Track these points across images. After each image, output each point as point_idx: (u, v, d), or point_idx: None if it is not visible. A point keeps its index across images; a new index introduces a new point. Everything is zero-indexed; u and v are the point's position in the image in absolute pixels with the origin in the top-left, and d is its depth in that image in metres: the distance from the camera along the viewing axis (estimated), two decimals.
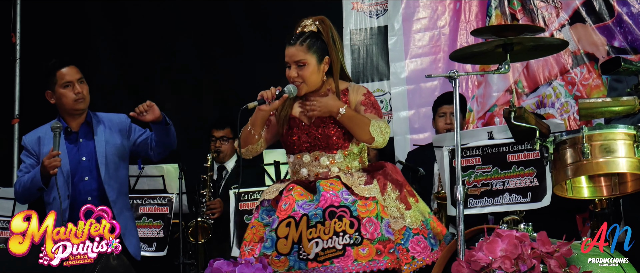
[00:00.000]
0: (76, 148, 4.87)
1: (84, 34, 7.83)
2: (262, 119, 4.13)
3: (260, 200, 4.18)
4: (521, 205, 4.50)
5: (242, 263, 4.06)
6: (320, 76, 4.14)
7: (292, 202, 3.97)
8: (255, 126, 4.15)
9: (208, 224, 6.29)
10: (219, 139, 6.64)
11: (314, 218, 3.90)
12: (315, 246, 3.86)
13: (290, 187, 4.06)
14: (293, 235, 3.91)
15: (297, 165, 4.17)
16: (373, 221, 3.90)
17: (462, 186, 3.90)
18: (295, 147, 4.16)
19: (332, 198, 3.93)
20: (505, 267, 3.54)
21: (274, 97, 4.07)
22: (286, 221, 3.93)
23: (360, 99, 4.13)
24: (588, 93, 6.61)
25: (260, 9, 7.60)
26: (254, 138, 4.16)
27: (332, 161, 4.10)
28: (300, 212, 3.93)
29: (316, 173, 4.12)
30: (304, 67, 4.11)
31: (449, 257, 3.97)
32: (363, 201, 3.95)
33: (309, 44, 4.14)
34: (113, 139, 4.91)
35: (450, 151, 4.59)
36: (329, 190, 3.96)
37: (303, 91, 4.14)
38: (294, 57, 4.13)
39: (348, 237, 3.85)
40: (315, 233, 3.87)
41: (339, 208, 3.90)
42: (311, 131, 4.12)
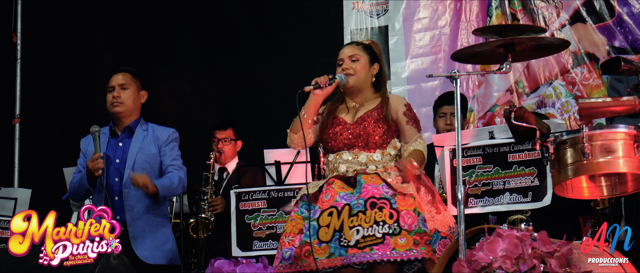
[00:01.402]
0: (113, 149, 4.97)
1: (85, 34, 7.83)
2: (315, 104, 4.41)
3: (299, 195, 4.33)
4: (522, 204, 4.50)
5: (243, 263, 4.07)
6: (369, 76, 4.46)
7: (334, 194, 4.17)
8: (309, 111, 4.42)
9: (209, 220, 6.30)
10: (221, 141, 6.65)
11: (355, 207, 4.08)
12: (356, 233, 4.03)
13: (330, 181, 4.25)
14: (335, 223, 4.09)
15: (337, 162, 4.37)
16: (411, 215, 4.08)
17: (462, 186, 3.91)
18: (335, 144, 4.37)
19: (373, 190, 4.13)
20: (506, 266, 3.54)
21: (327, 83, 4.34)
22: (328, 211, 4.13)
23: (402, 109, 4.41)
24: (588, 93, 6.61)
25: (262, 9, 7.60)
26: (308, 122, 4.42)
27: (370, 159, 4.32)
28: (342, 202, 4.12)
29: (355, 169, 4.31)
30: (356, 61, 4.44)
31: (450, 256, 3.97)
32: (402, 196, 4.13)
33: (363, 47, 4.52)
34: (148, 147, 4.98)
35: (451, 150, 4.59)
36: (370, 183, 4.16)
37: (351, 82, 4.42)
38: (348, 52, 4.49)
39: (387, 227, 4.03)
40: (356, 221, 4.06)
41: (379, 200, 4.10)
42: (353, 129, 4.35)
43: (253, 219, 5.30)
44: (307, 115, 4.41)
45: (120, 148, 4.97)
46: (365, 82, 4.46)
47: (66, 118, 7.49)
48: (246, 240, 5.26)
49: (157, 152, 5.00)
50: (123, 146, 4.98)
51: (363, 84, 4.46)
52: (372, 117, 4.37)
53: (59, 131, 7.57)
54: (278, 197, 5.33)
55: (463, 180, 4.21)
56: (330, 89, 4.38)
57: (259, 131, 6.91)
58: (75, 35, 7.74)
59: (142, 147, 4.96)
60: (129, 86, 5.02)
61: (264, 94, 7.28)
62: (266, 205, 5.28)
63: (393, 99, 4.48)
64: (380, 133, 4.33)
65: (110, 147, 4.97)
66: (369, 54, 4.48)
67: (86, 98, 7.50)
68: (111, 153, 4.95)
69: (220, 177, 6.65)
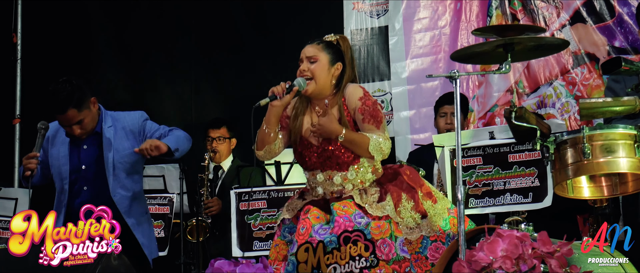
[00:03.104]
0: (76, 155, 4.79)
1: (85, 34, 7.83)
2: (275, 116, 4.17)
3: (280, 219, 4.25)
4: (522, 205, 4.50)
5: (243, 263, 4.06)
6: (329, 78, 4.17)
7: (309, 227, 4.04)
8: (270, 124, 4.18)
9: (206, 223, 6.30)
10: (215, 140, 6.65)
11: (329, 244, 3.98)
12: (334, 271, 3.95)
13: (306, 209, 4.12)
14: (311, 260, 3.99)
15: (312, 183, 4.23)
16: (387, 242, 3.98)
17: (463, 186, 3.90)
18: (307, 166, 4.22)
19: (345, 223, 4.00)
20: (506, 267, 3.54)
21: (284, 91, 4.12)
22: (304, 246, 4.01)
23: (357, 105, 4.12)
24: (589, 93, 6.61)
25: (262, 9, 7.60)
26: (270, 136, 4.19)
27: (345, 178, 4.15)
28: (316, 238, 4.00)
29: (331, 191, 4.17)
30: (314, 63, 4.16)
31: (450, 257, 3.97)
32: (376, 223, 4.01)
33: (324, 45, 4.21)
34: (121, 144, 4.80)
35: (451, 151, 4.59)
36: (342, 214, 4.03)
37: (311, 89, 4.16)
38: (307, 52, 4.20)
39: (364, 260, 3.93)
40: (332, 259, 3.96)
41: (353, 233, 3.98)
42: (320, 152, 4.15)
43: (253, 219, 5.31)
44: (268, 129, 4.16)
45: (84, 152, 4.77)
46: (324, 86, 4.16)
47: None
48: (246, 240, 5.26)
49: (131, 144, 4.78)
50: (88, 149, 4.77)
51: (322, 89, 4.17)
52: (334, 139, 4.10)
53: None
54: (278, 197, 5.33)
55: (463, 180, 4.20)
56: (289, 97, 4.12)
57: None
58: (75, 35, 7.74)
59: (116, 148, 4.77)
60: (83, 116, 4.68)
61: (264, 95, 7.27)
62: (266, 205, 5.28)
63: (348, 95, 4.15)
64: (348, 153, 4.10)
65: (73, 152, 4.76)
66: (331, 53, 4.18)
67: None
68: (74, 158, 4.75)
69: (216, 176, 6.66)
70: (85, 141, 4.79)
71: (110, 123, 4.82)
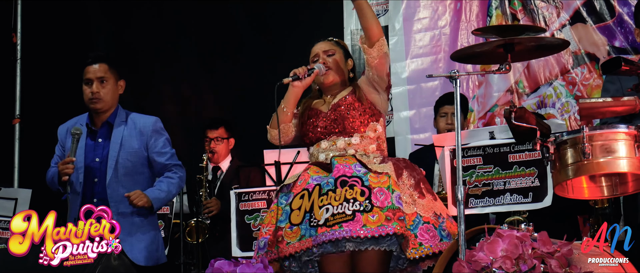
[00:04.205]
0: (92, 149, 4.80)
1: (85, 34, 7.83)
2: (295, 96, 4.31)
3: (279, 186, 4.27)
4: (522, 205, 4.50)
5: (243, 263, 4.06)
6: (345, 71, 4.37)
7: (307, 178, 4.09)
8: (289, 104, 4.32)
9: (204, 224, 6.30)
10: (213, 140, 6.65)
11: (325, 186, 3.99)
12: (326, 212, 3.93)
13: (307, 168, 4.18)
14: (305, 205, 4.00)
15: (316, 152, 4.28)
16: (384, 192, 3.98)
17: (463, 186, 3.90)
18: (313, 135, 4.28)
19: (344, 169, 4.04)
20: (506, 267, 3.54)
21: (306, 73, 4.25)
22: (300, 194, 4.04)
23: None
24: (589, 93, 6.61)
25: (262, 10, 7.60)
26: (287, 115, 4.33)
27: (348, 143, 4.21)
28: (313, 183, 4.04)
29: (333, 155, 4.20)
30: (332, 55, 4.35)
31: (450, 257, 3.97)
32: (375, 174, 4.04)
33: (335, 42, 4.42)
34: (129, 143, 4.80)
35: (451, 150, 4.59)
36: (342, 163, 4.08)
37: (330, 77, 4.32)
38: (323, 47, 4.38)
39: (358, 204, 3.92)
40: (326, 200, 3.96)
41: (351, 178, 4.01)
42: (328, 116, 4.25)
43: (253, 219, 5.30)
44: (286, 108, 4.32)
45: (99, 145, 4.80)
46: (342, 77, 4.35)
47: (66, 118, 7.48)
48: (246, 240, 5.26)
49: (140, 147, 4.80)
50: (102, 142, 4.80)
51: (341, 78, 4.35)
52: (346, 101, 4.26)
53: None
54: None
55: (463, 180, 4.20)
56: (310, 80, 4.27)
57: (258, 131, 6.90)
58: (75, 35, 7.74)
59: (123, 144, 4.78)
60: (108, 78, 4.79)
61: (264, 95, 7.26)
62: (266, 205, 5.28)
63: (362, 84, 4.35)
64: (356, 115, 4.21)
65: (88, 145, 4.79)
66: (343, 50, 4.41)
67: None
68: (90, 151, 4.79)
69: (215, 176, 6.66)
70: (100, 133, 4.82)
71: (124, 118, 4.85)
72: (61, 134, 4.93)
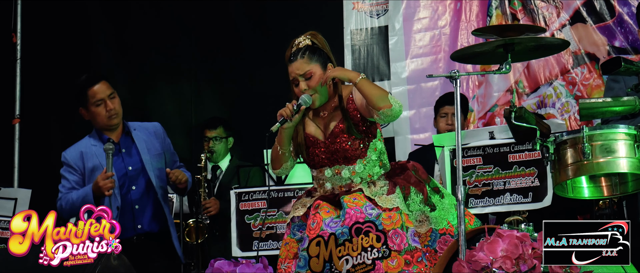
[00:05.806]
0: (121, 160, 4.86)
1: (85, 34, 7.83)
2: (288, 136, 4.20)
3: (290, 217, 4.25)
4: (522, 205, 4.50)
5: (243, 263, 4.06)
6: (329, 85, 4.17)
7: (319, 221, 4.04)
8: (283, 145, 4.22)
9: (204, 224, 6.30)
10: (212, 139, 6.65)
11: (341, 236, 3.98)
12: (346, 263, 3.95)
13: (316, 204, 4.12)
14: (323, 253, 3.99)
15: (321, 180, 4.23)
16: (399, 233, 3.97)
17: (463, 186, 3.90)
18: (316, 163, 4.21)
19: (356, 215, 4.01)
20: (506, 267, 3.54)
21: (292, 113, 4.10)
22: (316, 240, 4.01)
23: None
24: (589, 93, 6.61)
25: (262, 9, 7.60)
26: (284, 155, 4.24)
27: (353, 172, 4.16)
28: (328, 231, 4.01)
29: (339, 185, 4.17)
30: (311, 78, 4.15)
31: (450, 257, 3.97)
32: (387, 214, 4.01)
33: (309, 55, 4.20)
34: (153, 145, 4.92)
35: (451, 151, 4.59)
36: (353, 207, 4.03)
37: (317, 101, 4.17)
38: (298, 70, 4.18)
39: (376, 251, 3.93)
40: (344, 251, 3.96)
41: (364, 224, 3.98)
42: (328, 147, 4.16)
43: (253, 219, 5.31)
44: (282, 150, 4.22)
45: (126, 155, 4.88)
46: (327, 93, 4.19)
47: (66, 117, 7.49)
48: (246, 240, 5.26)
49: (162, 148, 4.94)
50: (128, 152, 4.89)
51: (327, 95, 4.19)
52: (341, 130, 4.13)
53: (59, 131, 7.57)
54: (278, 197, 5.33)
55: (463, 180, 4.20)
56: (298, 117, 4.10)
57: (258, 131, 6.90)
58: (75, 35, 7.74)
59: (149, 148, 4.90)
60: (114, 93, 4.92)
61: (264, 94, 7.28)
62: (266, 205, 5.28)
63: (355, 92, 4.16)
64: (356, 145, 4.12)
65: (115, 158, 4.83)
66: (319, 59, 4.19)
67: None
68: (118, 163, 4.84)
69: (214, 176, 6.65)
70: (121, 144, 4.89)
71: (132, 127, 4.95)
72: (73, 158, 4.90)
